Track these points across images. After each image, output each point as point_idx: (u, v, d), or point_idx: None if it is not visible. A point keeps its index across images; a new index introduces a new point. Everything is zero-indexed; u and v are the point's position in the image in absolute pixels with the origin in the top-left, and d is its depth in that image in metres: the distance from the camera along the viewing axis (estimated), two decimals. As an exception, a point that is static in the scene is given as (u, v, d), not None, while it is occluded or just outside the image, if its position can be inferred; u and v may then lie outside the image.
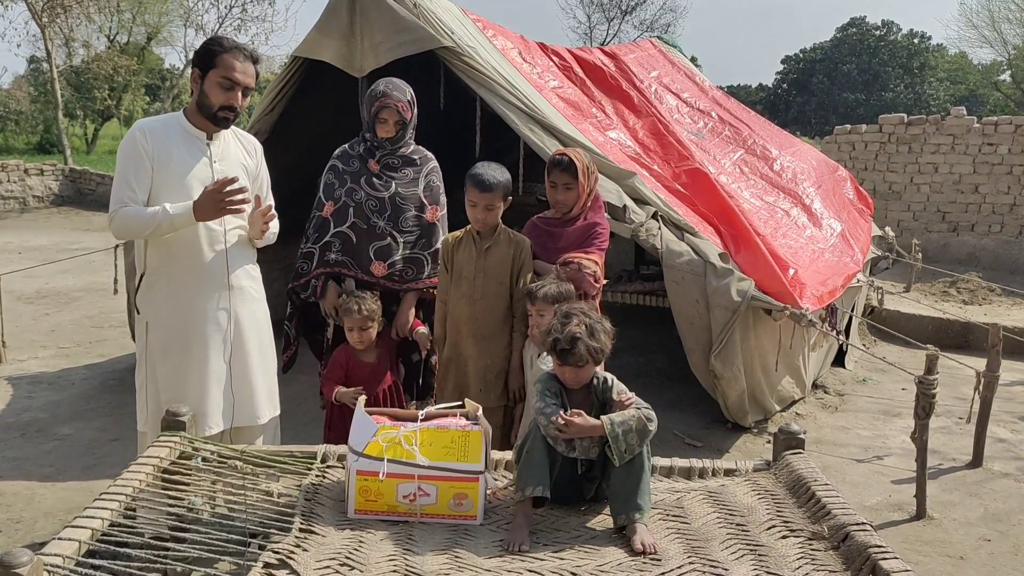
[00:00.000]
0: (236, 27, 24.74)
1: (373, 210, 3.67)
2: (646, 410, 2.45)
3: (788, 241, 5.73)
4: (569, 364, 2.51)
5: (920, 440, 4.06)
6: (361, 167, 3.72)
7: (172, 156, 3.10)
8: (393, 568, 2.08)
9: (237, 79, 3.08)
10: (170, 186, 3.09)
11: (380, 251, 3.68)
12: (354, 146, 3.80)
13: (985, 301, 8.60)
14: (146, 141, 3.08)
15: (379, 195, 3.68)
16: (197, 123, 3.17)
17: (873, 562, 2.03)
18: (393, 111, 3.60)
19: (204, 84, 3.10)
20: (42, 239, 12.77)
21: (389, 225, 3.67)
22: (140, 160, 3.07)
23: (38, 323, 7.61)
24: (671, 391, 5.72)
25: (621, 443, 2.37)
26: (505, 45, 5.81)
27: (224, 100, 3.09)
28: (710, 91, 7.76)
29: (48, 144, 24.57)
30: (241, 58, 3.09)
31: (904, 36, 45.41)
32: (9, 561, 1.71)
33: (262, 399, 3.34)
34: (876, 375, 6.43)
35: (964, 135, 11.35)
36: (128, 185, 3.08)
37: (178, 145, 3.13)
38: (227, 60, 3.07)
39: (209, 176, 3.14)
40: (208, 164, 3.16)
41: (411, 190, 3.72)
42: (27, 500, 4.00)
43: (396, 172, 3.72)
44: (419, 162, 3.77)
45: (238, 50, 3.11)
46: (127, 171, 3.09)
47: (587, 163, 3.63)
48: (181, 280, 3.14)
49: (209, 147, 3.18)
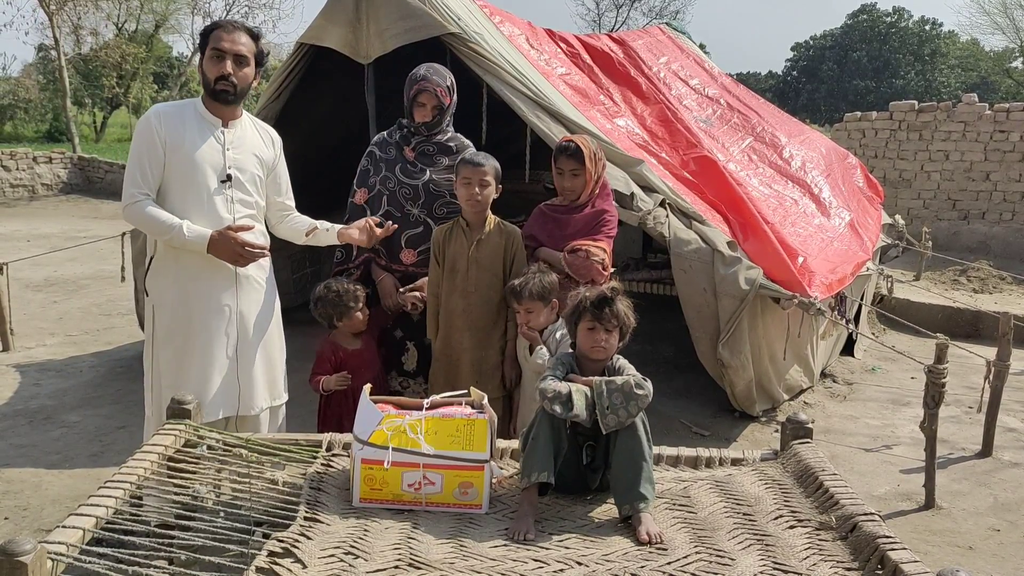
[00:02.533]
0: (243, 14, 24.77)
1: (407, 197, 3.69)
2: (636, 377, 2.45)
3: (797, 229, 5.69)
4: (602, 322, 2.52)
5: (929, 429, 4.03)
6: (397, 155, 3.74)
7: (184, 141, 3.11)
8: (398, 557, 2.08)
9: (224, 47, 3.09)
10: (183, 170, 3.11)
11: (412, 239, 3.70)
12: (392, 133, 3.81)
13: (995, 289, 8.55)
14: (160, 125, 3.10)
15: (413, 183, 3.70)
16: (212, 109, 3.19)
17: (881, 552, 2.01)
18: (432, 95, 3.61)
19: (203, 63, 3.15)
20: (51, 227, 12.80)
21: (423, 212, 3.69)
22: (153, 145, 3.09)
23: (46, 311, 7.62)
24: (678, 380, 5.70)
25: (604, 400, 2.38)
26: (512, 31, 5.76)
27: (216, 72, 3.11)
28: (719, 78, 7.69)
29: (57, 132, 24.63)
30: (229, 29, 3.13)
31: (915, 23, 45.07)
32: (12, 549, 1.71)
33: (267, 389, 3.35)
34: (885, 364, 6.40)
35: (975, 122, 11.25)
36: (141, 171, 3.10)
37: (191, 130, 3.14)
38: (216, 33, 3.13)
39: (220, 164, 3.14)
40: (221, 151, 3.16)
41: (445, 176, 3.72)
42: (34, 487, 4.01)
43: (431, 159, 3.73)
44: (455, 149, 3.77)
45: (229, 23, 3.15)
46: (140, 156, 3.11)
47: (594, 149, 3.61)
48: (188, 266, 3.15)
49: (224, 134, 3.18)
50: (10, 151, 16.34)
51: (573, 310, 2.61)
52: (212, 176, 3.13)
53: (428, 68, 3.68)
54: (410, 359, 3.90)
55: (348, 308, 3.56)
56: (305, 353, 4.05)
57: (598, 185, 3.64)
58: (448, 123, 3.78)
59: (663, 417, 4.91)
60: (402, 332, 3.88)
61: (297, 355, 3.99)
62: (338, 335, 3.67)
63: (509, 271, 3.52)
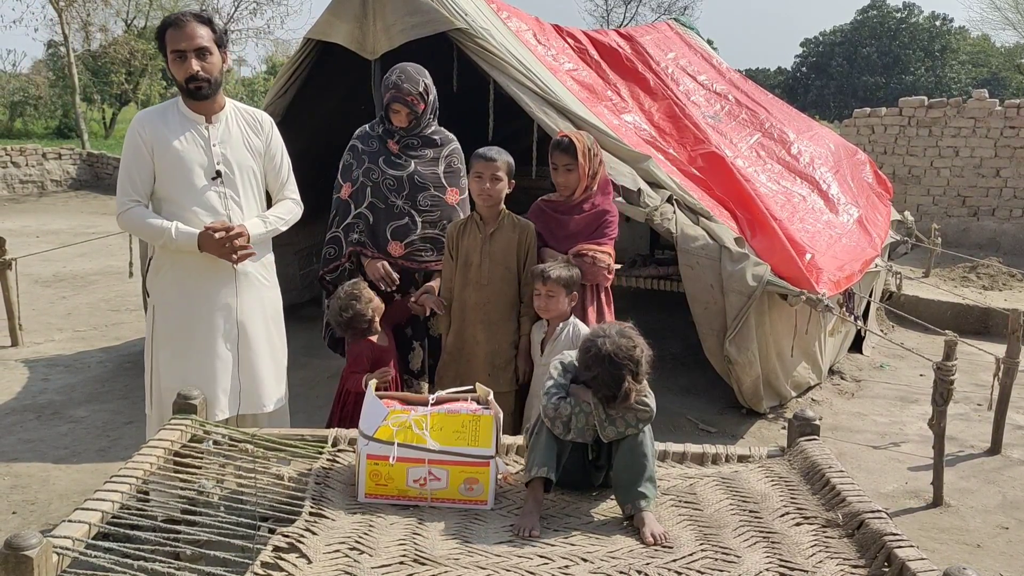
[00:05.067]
0: (252, 11, 24.74)
1: (391, 189, 3.67)
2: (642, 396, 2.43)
3: (805, 226, 5.67)
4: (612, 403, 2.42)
5: (938, 427, 4.01)
6: (380, 147, 3.72)
7: (169, 143, 3.09)
8: (403, 552, 2.08)
9: (183, 47, 3.02)
10: (172, 172, 3.10)
11: (397, 231, 3.67)
12: (374, 127, 3.80)
13: (1005, 286, 8.50)
14: (144, 131, 3.09)
15: (397, 174, 3.68)
16: (193, 106, 3.15)
17: (888, 550, 2.00)
18: (403, 104, 3.59)
19: (168, 67, 3.10)
20: (60, 223, 12.84)
21: (407, 204, 3.67)
22: (139, 152, 3.09)
23: (55, 306, 7.65)
24: (685, 376, 5.68)
25: (601, 412, 2.39)
26: (519, 27, 5.75)
27: (184, 73, 3.04)
28: (727, 73, 7.66)
29: (66, 128, 24.67)
30: (181, 24, 3.03)
31: (925, 18, 44.78)
32: (18, 543, 1.71)
33: (269, 387, 3.32)
34: (894, 361, 6.37)
35: (986, 118, 11.18)
36: (130, 180, 3.11)
37: (175, 131, 3.12)
38: (169, 35, 3.05)
39: (207, 161, 3.12)
40: (206, 148, 3.14)
41: (430, 169, 3.71)
42: (42, 482, 4.02)
43: (416, 151, 3.71)
44: (440, 142, 3.76)
45: (177, 19, 3.05)
46: (128, 164, 3.12)
47: (588, 145, 3.60)
48: (187, 265, 3.13)
49: (208, 130, 3.16)
50: (20, 147, 16.39)
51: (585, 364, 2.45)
52: (201, 174, 3.11)
53: (400, 74, 3.61)
54: (415, 358, 3.90)
55: (369, 319, 3.50)
56: (311, 349, 4.05)
57: (595, 182, 3.62)
58: (430, 119, 3.75)
59: (669, 414, 4.90)
60: (411, 331, 3.88)
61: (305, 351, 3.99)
62: None
63: (523, 265, 3.53)
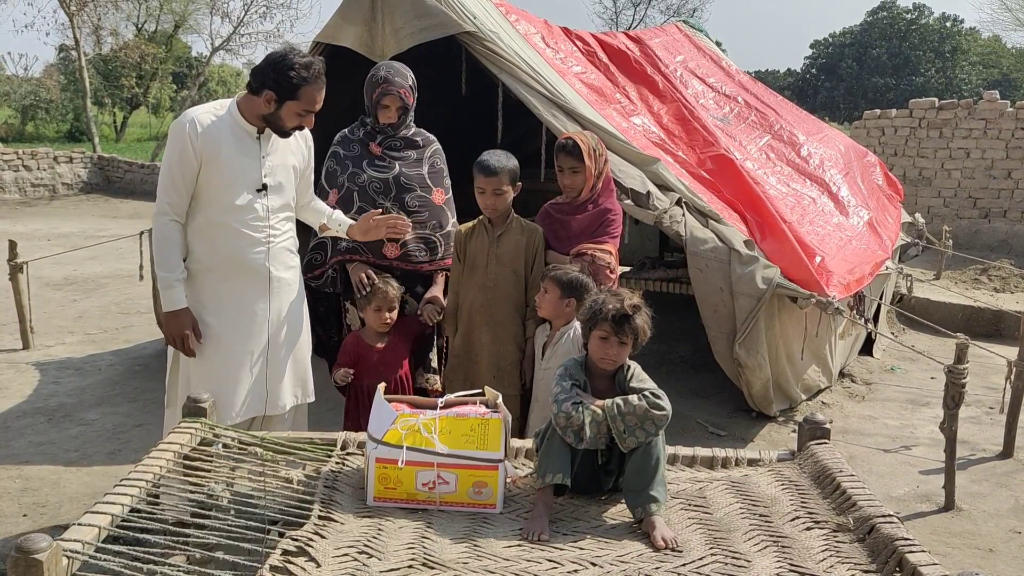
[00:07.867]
0: (262, 15, 24.76)
1: (378, 191, 3.67)
2: (652, 397, 2.41)
3: (815, 228, 5.65)
4: (618, 335, 2.47)
5: (949, 430, 3.99)
6: (363, 151, 3.72)
7: (221, 152, 3.06)
8: (412, 556, 2.07)
9: (316, 109, 3.09)
10: (218, 182, 3.08)
11: None
12: (354, 131, 3.80)
13: (1017, 289, 8.45)
14: (196, 137, 3.02)
15: (383, 176, 3.68)
16: (251, 120, 3.13)
17: (900, 555, 1.99)
18: (396, 97, 3.60)
19: (281, 110, 3.06)
20: (71, 226, 12.90)
21: (395, 206, 3.66)
22: (186, 155, 3.03)
23: (65, 309, 7.69)
24: (694, 379, 5.67)
25: (619, 423, 2.36)
26: (528, 30, 5.75)
27: (297, 123, 3.11)
28: (736, 76, 7.64)
29: (77, 132, 24.84)
30: (320, 85, 3.07)
31: (936, 20, 44.59)
32: (28, 547, 1.71)
33: (295, 388, 3.36)
34: (905, 364, 6.34)
35: (997, 120, 11.13)
36: (173, 184, 3.07)
37: (228, 141, 3.08)
38: (309, 94, 3.06)
39: (256, 173, 3.12)
40: (258, 161, 3.14)
41: (415, 170, 3.72)
42: (52, 484, 4.04)
43: (399, 153, 3.72)
44: (422, 143, 3.77)
45: (318, 79, 3.07)
46: (172, 166, 3.07)
47: (593, 145, 3.60)
48: (222, 271, 3.15)
49: (259, 141, 3.16)
50: (31, 151, 16.49)
51: (590, 316, 2.54)
52: (249, 186, 3.10)
53: (388, 69, 3.65)
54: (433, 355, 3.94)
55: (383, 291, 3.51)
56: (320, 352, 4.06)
57: (600, 181, 3.62)
58: (411, 120, 3.75)
59: (679, 417, 4.85)
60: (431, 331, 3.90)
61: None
62: (365, 331, 3.65)
63: (531, 269, 3.53)
